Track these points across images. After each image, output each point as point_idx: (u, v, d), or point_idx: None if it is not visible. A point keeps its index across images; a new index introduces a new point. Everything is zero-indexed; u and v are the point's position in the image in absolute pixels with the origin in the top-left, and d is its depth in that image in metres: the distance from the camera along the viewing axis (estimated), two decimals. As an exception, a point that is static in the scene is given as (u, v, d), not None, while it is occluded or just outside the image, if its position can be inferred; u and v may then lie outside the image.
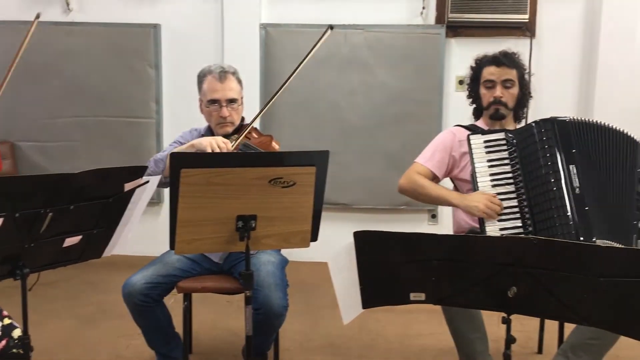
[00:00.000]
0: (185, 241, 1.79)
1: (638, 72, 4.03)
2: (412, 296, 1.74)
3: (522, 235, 2.09)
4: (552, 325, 2.66)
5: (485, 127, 2.45)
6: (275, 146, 2.48)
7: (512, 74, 2.40)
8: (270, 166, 1.82)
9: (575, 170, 2.12)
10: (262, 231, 1.88)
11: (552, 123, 2.18)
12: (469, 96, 2.55)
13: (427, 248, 1.64)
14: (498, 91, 2.38)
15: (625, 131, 2.19)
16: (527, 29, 4.10)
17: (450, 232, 2.57)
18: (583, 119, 2.21)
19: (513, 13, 4.03)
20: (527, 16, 4.03)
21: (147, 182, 1.69)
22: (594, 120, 2.21)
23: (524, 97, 2.46)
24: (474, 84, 2.49)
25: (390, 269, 1.70)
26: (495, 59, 2.41)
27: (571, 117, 2.21)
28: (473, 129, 2.42)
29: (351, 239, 1.65)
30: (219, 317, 3.26)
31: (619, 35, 3.98)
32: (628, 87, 4.00)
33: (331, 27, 2.46)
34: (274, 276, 2.25)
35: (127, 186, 1.63)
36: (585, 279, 1.54)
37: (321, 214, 2.00)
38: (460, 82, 4.23)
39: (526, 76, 2.48)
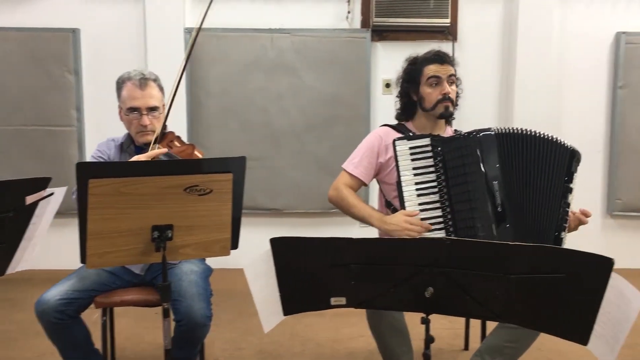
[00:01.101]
0: (96, 255, 1.71)
1: (554, 73, 4.21)
2: (333, 301, 1.73)
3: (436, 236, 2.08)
4: (478, 322, 2.72)
5: (415, 130, 2.41)
6: (198, 155, 2.41)
7: (453, 70, 2.36)
8: (185, 174, 1.77)
9: (497, 187, 2.09)
10: (180, 241, 1.83)
11: (477, 137, 2.13)
12: (401, 99, 2.46)
13: (344, 252, 1.63)
14: (447, 88, 2.31)
15: (555, 139, 2.14)
16: (449, 33, 4.20)
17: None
18: (510, 129, 2.15)
19: (435, 17, 4.12)
20: (448, 20, 4.13)
21: (52, 194, 1.60)
22: (523, 130, 2.15)
23: (457, 96, 2.43)
24: (411, 85, 2.39)
25: (309, 274, 1.68)
26: (437, 56, 2.35)
27: (498, 129, 2.15)
28: (400, 130, 2.40)
29: (268, 246, 1.63)
30: (147, 331, 3.16)
31: (535, 38, 4.14)
32: (544, 87, 4.17)
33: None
34: (196, 286, 2.19)
35: (29, 199, 1.54)
36: (496, 277, 1.58)
37: (240, 221, 1.97)
38: (387, 85, 4.29)
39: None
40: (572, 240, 2.14)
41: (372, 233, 2.52)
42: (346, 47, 4.18)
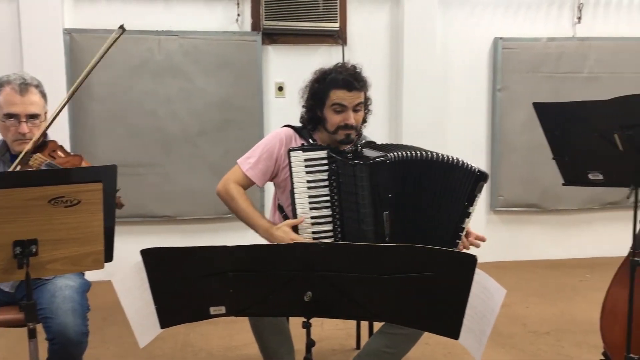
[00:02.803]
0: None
1: (438, 77, 4.39)
2: (212, 310, 1.70)
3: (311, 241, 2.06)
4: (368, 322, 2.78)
5: (317, 139, 2.32)
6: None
7: (362, 96, 2.23)
8: (49, 184, 1.66)
9: (386, 218, 2.02)
10: (47, 256, 1.71)
11: (370, 167, 2.01)
12: (307, 111, 2.33)
13: (220, 260, 1.60)
14: (350, 118, 2.19)
15: (459, 162, 2.07)
16: (338, 37, 4.27)
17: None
18: (408, 154, 2.05)
19: (325, 21, 4.17)
20: (337, 25, 4.19)
21: None
22: (423, 154, 2.07)
23: (366, 115, 2.33)
24: (316, 102, 2.26)
25: (185, 284, 1.64)
26: (346, 82, 2.17)
27: (393, 156, 2.03)
28: (303, 135, 2.33)
29: (139, 258, 1.56)
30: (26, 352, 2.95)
31: (420, 43, 4.29)
32: (430, 90, 4.34)
33: (123, 28, 2.25)
34: (72, 301, 2.07)
35: None
36: (372, 278, 1.61)
37: (114, 231, 1.88)
38: (280, 89, 4.29)
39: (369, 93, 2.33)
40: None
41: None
42: (237, 50, 4.14)
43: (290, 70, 4.24)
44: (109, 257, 1.87)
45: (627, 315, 2.01)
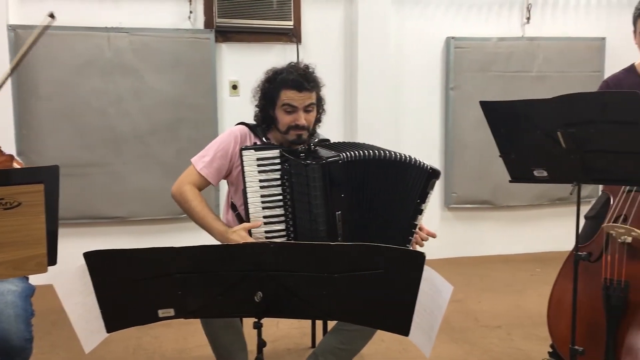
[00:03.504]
0: None
1: (392, 75, 4.42)
2: (161, 313, 1.67)
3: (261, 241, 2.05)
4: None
5: (271, 138, 2.30)
6: (16, 167, 2.19)
7: (313, 97, 2.22)
8: (-13, 186, 1.60)
9: (339, 218, 2.02)
10: (-15, 260, 1.65)
11: (322, 167, 1.99)
12: (260, 111, 2.31)
13: (167, 262, 1.57)
14: (301, 118, 2.18)
15: (411, 160, 2.08)
16: (293, 35, 4.25)
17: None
18: (360, 153, 2.04)
19: (279, 19, 4.15)
20: (292, 23, 4.18)
21: None
22: (375, 153, 2.07)
23: (318, 115, 2.31)
24: (267, 102, 2.25)
25: (132, 287, 1.60)
26: (296, 83, 2.16)
27: (345, 156, 2.02)
28: (257, 133, 2.31)
29: (82, 261, 1.52)
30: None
31: (374, 41, 4.31)
32: (385, 89, 4.37)
33: (52, 15, 2.13)
34: (14, 307, 2.00)
35: None
36: (322, 277, 1.61)
37: (57, 234, 1.81)
38: (234, 87, 4.25)
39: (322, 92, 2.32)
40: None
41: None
42: (190, 47, 4.08)
43: (245, 68, 4.21)
44: (52, 260, 1.80)
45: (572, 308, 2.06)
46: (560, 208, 4.76)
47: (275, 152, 2.11)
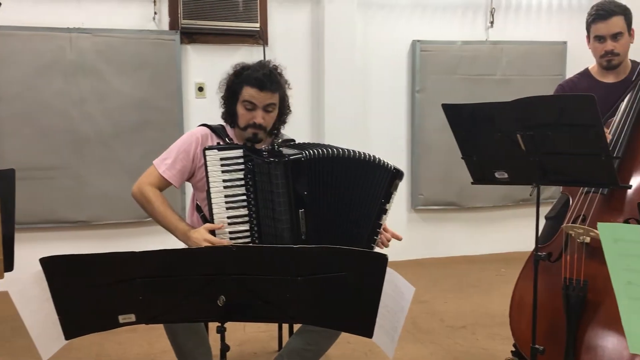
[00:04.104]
0: None
1: (359, 78, 4.44)
2: (122, 319, 1.64)
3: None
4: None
5: (234, 138, 2.30)
6: None
7: (275, 97, 2.22)
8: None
9: (303, 216, 2.02)
10: (-62, 267, 1.60)
11: (285, 165, 2.00)
12: (225, 104, 2.31)
13: (127, 267, 1.55)
14: (259, 117, 2.18)
15: (375, 159, 2.11)
16: (259, 37, 4.24)
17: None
18: (323, 151, 2.06)
19: (245, 21, 4.13)
20: (258, 24, 4.16)
21: None
22: (338, 152, 2.08)
23: (282, 116, 2.32)
24: (230, 97, 2.25)
25: (90, 293, 1.57)
26: (258, 81, 2.16)
27: (308, 154, 2.03)
28: (219, 134, 2.29)
29: (39, 267, 1.49)
30: None
31: (340, 44, 4.33)
32: (352, 91, 4.38)
33: None
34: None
35: None
36: (285, 280, 1.60)
37: (14, 239, 1.78)
38: (200, 89, 4.22)
39: (287, 92, 2.32)
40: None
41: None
42: (154, 49, 4.03)
43: (211, 70, 4.16)
44: (9, 266, 1.77)
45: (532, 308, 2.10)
46: (524, 209, 4.84)
47: (238, 152, 2.11)
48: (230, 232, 2.10)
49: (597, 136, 1.76)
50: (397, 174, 2.12)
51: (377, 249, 2.16)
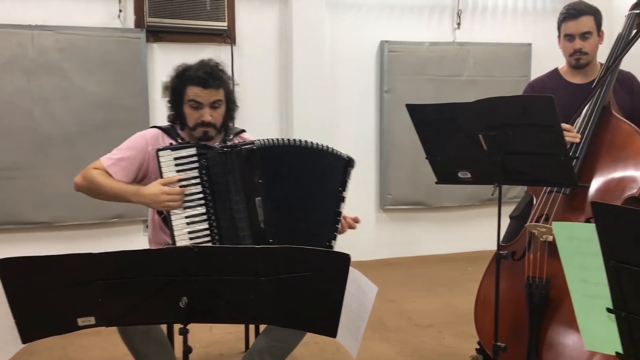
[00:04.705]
0: None
1: (327, 78, 4.45)
2: (81, 321, 1.61)
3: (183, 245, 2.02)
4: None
5: (185, 137, 2.29)
6: None
7: (220, 93, 2.22)
8: None
9: (260, 204, 2.05)
10: None
11: (239, 151, 2.05)
12: (170, 107, 2.32)
13: (85, 269, 1.52)
14: (206, 115, 2.19)
15: (328, 148, 2.15)
16: (227, 36, 4.21)
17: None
18: (276, 140, 2.11)
19: (212, 20, 4.10)
20: (226, 23, 4.13)
21: None
22: (291, 141, 2.13)
23: (230, 111, 2.32)
24: (176, 98, 2.25)
25: (48, 296, 1.53)
26: (201, 80, 2.17)
27: (262, 142, 2.09)
28: (171, 134, 2.28)
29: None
30: None
31: (309, 44, 4.33)
32: (320, 91, 4.38)
33: None
34: None
35: None
36: (247, 280, 1.59)
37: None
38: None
39: (232, 88, 2.34)
40: (350, 234, 2.25)
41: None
42: (119, 47, 3.96)
43: (178, 69, 4.12)
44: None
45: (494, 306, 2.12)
46: (490, 208, 4.89)
47: (192, 150, 2.09)
48: (190, 232, 2.08)
49: (556, 136, 1.79)
50: (349, 162, 2.18)
51: (339, 237, 2.19)
